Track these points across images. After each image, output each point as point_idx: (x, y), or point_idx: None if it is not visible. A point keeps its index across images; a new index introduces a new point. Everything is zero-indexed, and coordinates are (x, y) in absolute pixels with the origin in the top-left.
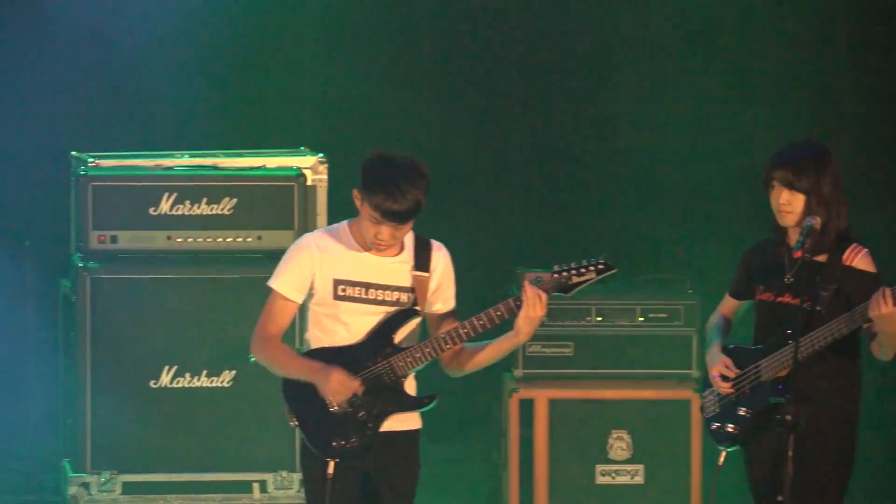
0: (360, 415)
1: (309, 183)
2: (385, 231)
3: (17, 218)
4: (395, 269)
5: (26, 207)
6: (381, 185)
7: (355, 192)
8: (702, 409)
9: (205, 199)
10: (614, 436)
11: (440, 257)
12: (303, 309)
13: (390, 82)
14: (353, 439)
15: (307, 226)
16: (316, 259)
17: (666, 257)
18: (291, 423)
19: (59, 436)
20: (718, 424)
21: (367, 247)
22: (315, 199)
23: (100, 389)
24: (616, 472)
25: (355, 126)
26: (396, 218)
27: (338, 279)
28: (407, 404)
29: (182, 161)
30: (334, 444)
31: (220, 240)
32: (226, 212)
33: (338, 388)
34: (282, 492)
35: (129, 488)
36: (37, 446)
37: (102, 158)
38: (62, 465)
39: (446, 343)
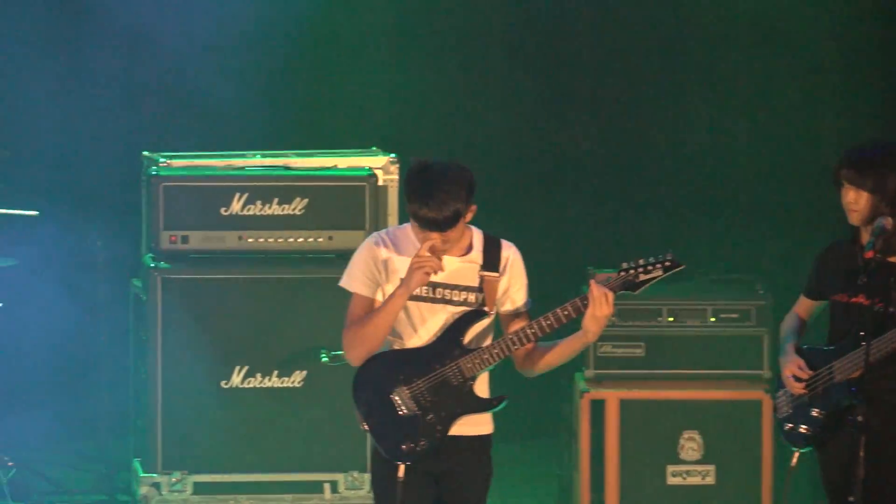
0: (429, 417)
1: (380, 183)
2: (432, 237)
3: (88, 218)
4: (463, 268)
5: (98, 208)
6: (416, 195)
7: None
8: (775, 409)
9: (276, 200)
10: (685, 436)
11: (510, 257)
12: None
13: (461, 82)
14: (423, 442)
15: (378, 226)
16: (381, 258)
17: (736, 257)
18: (362, 427)
19: (130, 436)
20: (791, 425)
21: None
22: (386, 200)
23: (171, 389)
24: (687, 472)
25: (426, 126)
26: (433, 226)
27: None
28: (475, 406)
29: (253, 161)
30: (404, 447)
31: (292, 240)
32: (297, 212)
33: (418, 260)
34: (353, 492)
35: (199, 488)
36: (108, 446)
37: (174, 158)
38: (133, 465)
39: (514, 344)
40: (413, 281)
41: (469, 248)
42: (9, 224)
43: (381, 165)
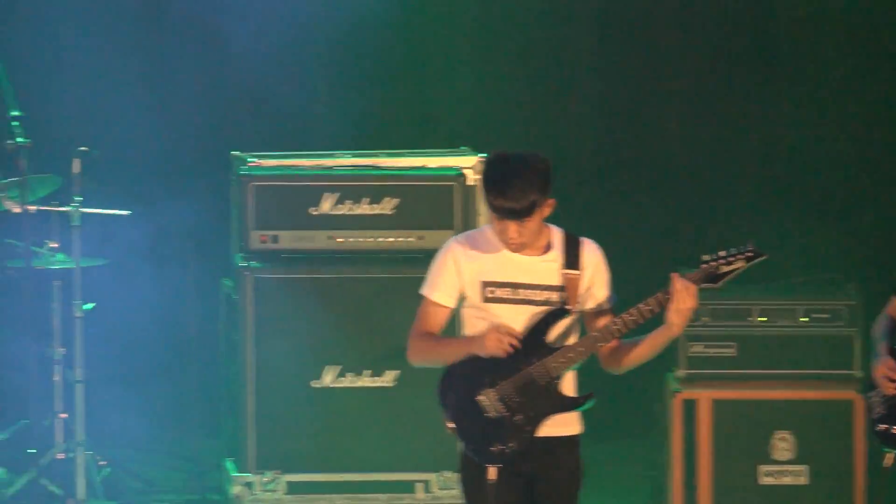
0: (517, 418)
1: (469, 182)
2: (510, 228)
3: (179, 218)
4: (544, 268)
5: (188, 207)
6: (494, 185)
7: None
8: (868, 409)
9: (366, 199)
10: (777, 436)
11: (591, 254)
12: (460, 316)
13: (550, 80)
14: (511, 443)
15: (467, 225)
16: (461, 262)
17: (827, 256)
18: (449, 431)
19: (221, 435)
20: (885, 426)
21: (513, 248)
22: (475, 199)
23: (262, 389)
24: (779, 472)
25: (516, 125)
26: (510, 214)
27: (485, 281)
28: (563, 405)
29: (343, 161)
30: (492, 449)
31: (382, 239)
32: (387, 211)
33: (496, 339)
34: (445, 492)
35: (292, 488)
36: (200, 445)
37: (263, 158)
38: (225, 465)
39: (598, 341)
40: (486, 350)
41: (549, 247)
42: (101, 224)
43: (471, 165)
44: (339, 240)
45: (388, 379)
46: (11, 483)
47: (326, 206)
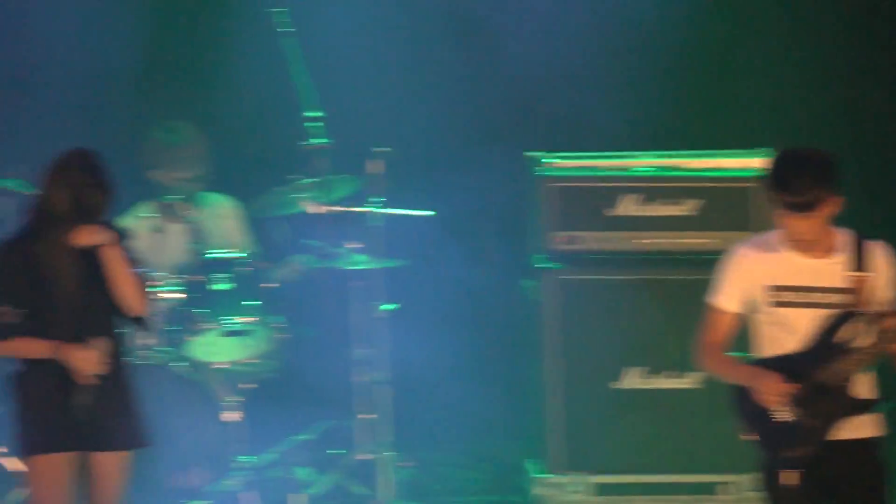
0: (809, 422)
1: None
2: (795, 223)
3: (479, 218)
4: (831, 270)
5: (488, 208)
6: (778, 178)
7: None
8: None
9: (667, 200)
10: None
11: (879, 256)
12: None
13: (847, 79)
14: (804, 448)
15: (764, 228)
16: (748, 267)
17: None
18: (747, 437)
19: (522, 436)
20: None
21: (799, 250)
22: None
23: (566, 390)
24: None
25: (812, 125)
26: (795, 208)
27: (774, 286)
28: (855, 408)
29: (642, 162)
30: (786, 453)
31: (683, 241)
32: (688, 213)
33: (771, 392)
34: (748, 494)
35: (601, 490)
36: (500, 447)
37: (559, 159)
38: (525, 466)
39: (888, 342)
40: (759, 398)
41: (836, 249)
42: (405, 224)
43: None
44: (640, 241)
45: (691, 380)
46: (318, 483)
47: (625, 206)
